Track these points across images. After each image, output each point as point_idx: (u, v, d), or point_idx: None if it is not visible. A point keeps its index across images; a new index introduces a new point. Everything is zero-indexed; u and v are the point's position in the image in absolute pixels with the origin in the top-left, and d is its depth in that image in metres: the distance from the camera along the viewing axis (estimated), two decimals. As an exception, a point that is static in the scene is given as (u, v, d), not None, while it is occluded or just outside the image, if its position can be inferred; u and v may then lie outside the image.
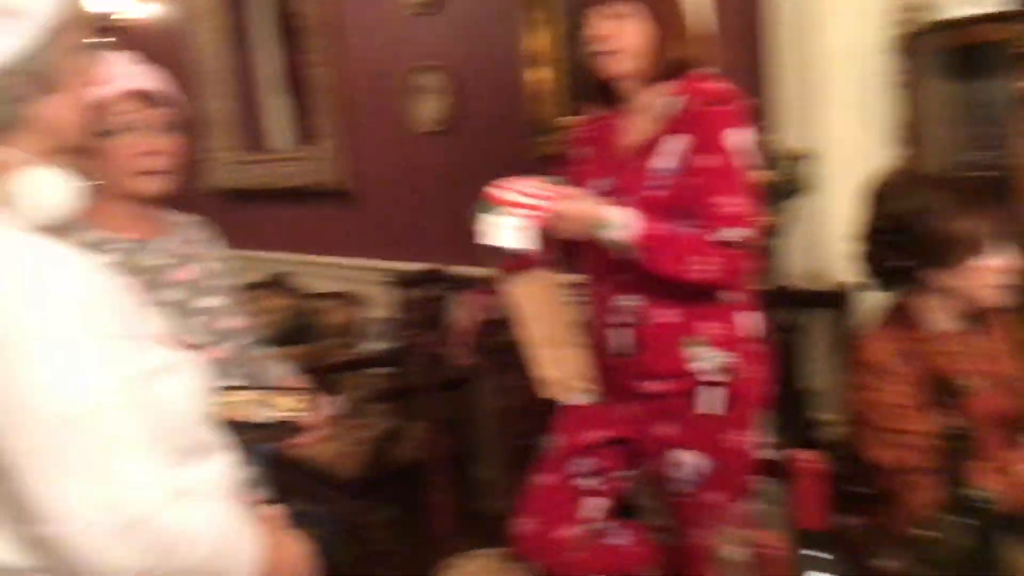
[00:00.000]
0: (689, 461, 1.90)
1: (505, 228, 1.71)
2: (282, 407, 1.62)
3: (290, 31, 4.27)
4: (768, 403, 1.95)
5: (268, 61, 4.61)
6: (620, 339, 1.90)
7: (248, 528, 1.10)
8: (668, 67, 1.86)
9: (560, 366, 1.76)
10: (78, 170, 1.08)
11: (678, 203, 1.81)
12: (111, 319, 1.00)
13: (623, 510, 2.09)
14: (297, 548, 1.22)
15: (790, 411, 2.31)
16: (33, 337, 0.95)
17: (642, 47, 1.85)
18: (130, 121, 1.63)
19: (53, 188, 1.04)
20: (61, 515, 0.94)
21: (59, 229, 1.06)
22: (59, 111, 1.07)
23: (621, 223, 1.76)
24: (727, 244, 1.78)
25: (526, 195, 1.75)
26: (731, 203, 1.78)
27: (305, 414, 1.63)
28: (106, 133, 1.61)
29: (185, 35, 4.72)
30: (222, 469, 1.16)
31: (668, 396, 1.89)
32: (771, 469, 1.87)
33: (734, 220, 1.78)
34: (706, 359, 1.86)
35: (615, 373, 1.92)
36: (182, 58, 4.73)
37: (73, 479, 0.94)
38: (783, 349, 2.25)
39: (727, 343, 1.87)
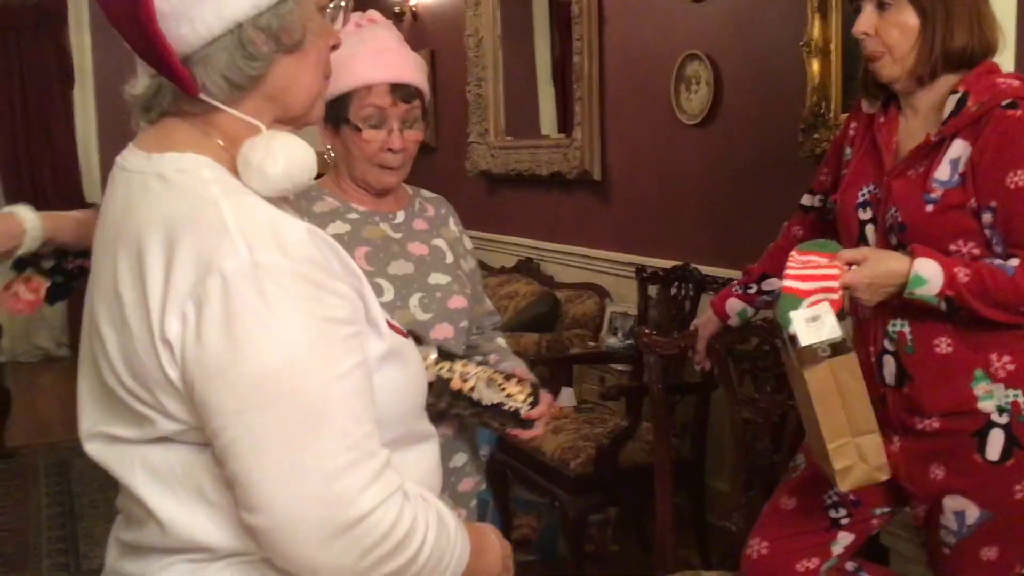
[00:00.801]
0: (964, 510, 1.67)
1: (818, 322, 1.54)
2: (510, 393, 1.58)
3: (564, 20, 4.29)
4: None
5: (543, 49, 4.68)
6: (891, 367, 1.70)
7: (455, 525, 1.03)
8: (947, 60, 1.63)
9: (864, 455, 1.59)
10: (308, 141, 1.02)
11: (956, 222, 1.60)
12: (337, 302, 0.93)
13: (870, 550, 1.88)
14: (498, 547, 1.14)
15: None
16: (255, 313, 0.88)
17: (909, 43, 1.63)
18: (381, 114, 1.62)
19: (289, 156, 0.98)
20: (267, 506, 0.90)
21: (293, 197, 1.01)
22: (295, 73, 1.00)
23: (923, 277, 1.56)
24: None
25: (813, 278, 1.56)
26: None
27: (529, 407, 1.58)
28: (354, 124, 1.61)
29: (466, 20, 4.86)
30: (429, 459, 1.11)
31: (944, 435, 1.67)
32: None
33: None
34: (995, 397, 1.63)
35: (883, 403, 1.71)
36: (461, 41, 4.88)
37: (283, 471, 0.89)
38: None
39: (1021, 380, 1.62)
